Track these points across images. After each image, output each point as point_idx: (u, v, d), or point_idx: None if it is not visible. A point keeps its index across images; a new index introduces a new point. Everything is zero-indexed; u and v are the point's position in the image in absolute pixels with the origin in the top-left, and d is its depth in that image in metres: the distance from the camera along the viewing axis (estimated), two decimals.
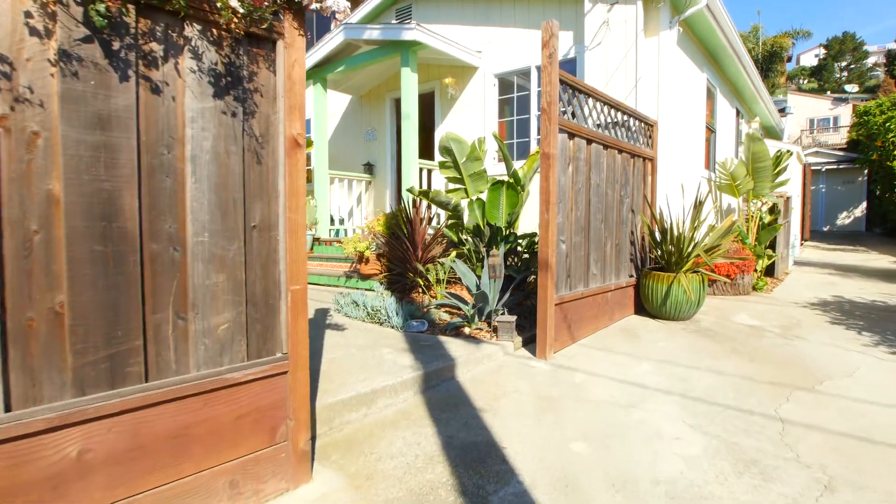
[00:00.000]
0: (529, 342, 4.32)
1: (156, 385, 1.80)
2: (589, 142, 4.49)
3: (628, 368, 3.75)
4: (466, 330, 4.40)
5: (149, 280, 1.79)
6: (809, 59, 54.08)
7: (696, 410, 3.00)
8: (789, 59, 43.70)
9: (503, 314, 4.45)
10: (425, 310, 4.89)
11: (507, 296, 4.63)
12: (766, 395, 3.24)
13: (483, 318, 4.60)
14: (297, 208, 2.19)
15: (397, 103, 8.94)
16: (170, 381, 1.83)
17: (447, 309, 5.01)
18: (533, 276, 5.75)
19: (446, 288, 5.92)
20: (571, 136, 4.21)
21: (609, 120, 4.85)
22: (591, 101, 4.55)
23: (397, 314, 4.55)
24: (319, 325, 4.59)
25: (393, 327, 4.47)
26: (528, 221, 6.99)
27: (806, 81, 49.08)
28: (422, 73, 8.20)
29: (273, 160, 2.17)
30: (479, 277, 4.95)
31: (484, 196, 6.26)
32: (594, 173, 4.58)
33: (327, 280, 7.01)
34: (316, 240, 8.15)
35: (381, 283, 6.15)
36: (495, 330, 4.28)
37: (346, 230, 9.14)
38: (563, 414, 2.94)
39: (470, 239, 5.99)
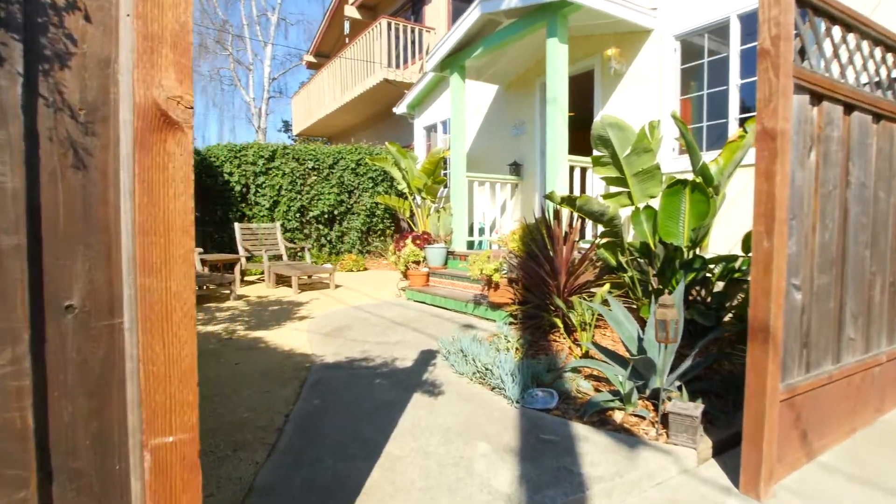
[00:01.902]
0: (727, 449, 2.59)
1: None
2: (848, 109, 2.57)
3: None
4: (617, 416, 2.82)
5: None
6: None
7: None
8: None
9: (679, 395, 2.77)
10: (559, 371, 3.39)
11: (686, 363, 2.92)
12: None
13: (646, 395, 2.97)
14: (172, 265, 0.99)
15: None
16: None
17: (590, 372, 3.44)
18: (731, 313, 3.87)
19: (597, 332, 4.31)
20: (817, 98, 2.37)
21: (887, 74, 2.82)
22: (852, 37, 2.62)
23: (514, 378, 3.15)
24: (409, 383, 3.41)
25: (508, 398, 3.09)
26: (722, 238, 5.00)
27: None
28: (578, 48, 6.60)
29: (109, 159, 0.99)
30: (642, 327, 3.30)
31: (656, 202, 4.50)
32: (856, 165, 2.63)
33: (454, 305, 5.85)
34: (450, 253, 7.07)
35: (513, 317, 4.78)
36: (665, 421, 2.64)
37: (487, 242, 7.92)
38: None
39: (634, 263, 4.30)
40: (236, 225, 8.19)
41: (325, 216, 10.19)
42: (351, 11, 16.13)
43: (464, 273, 6.32)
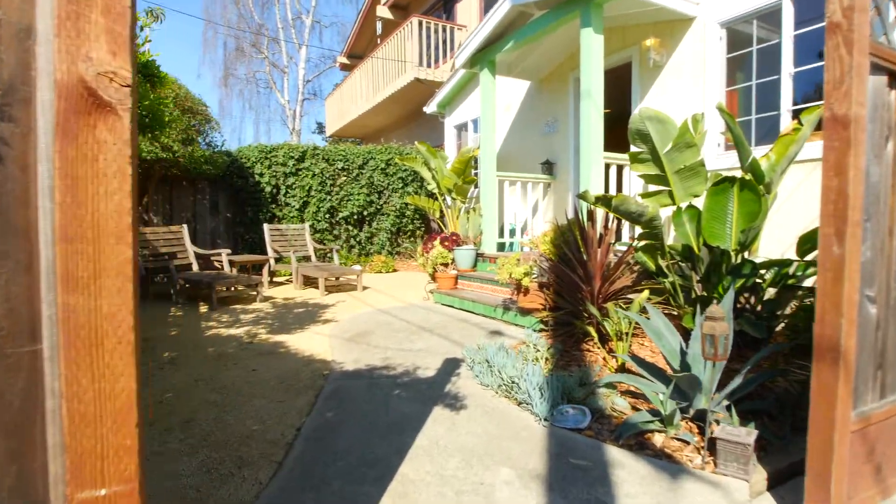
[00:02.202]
0: (784, 480, 2.28)
1: None
2: None
3: None
4: (658, 440, 2.54)
5: None
6: None
7: None
8: None
9: (728, 417, 2.47)
10: (592, 386, 3.13)
11: (737, 381, 2.62)
12: None
13: (690, 416, 2.67)
14: (104, 279, 0.81)
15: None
16: None
17: (627, 388, 3.16)
18: (785, 322, 3.52)
19: (634, 342, 4.00)
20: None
21: None
22: None
23: (542, 393, 2.90)
24: (430, 395, 3.20)
25: (535, 415, 2.84)
26: (773, 240, 4.61)
27: None
28: (613, 39, 6.27)
29: (30, 150, 0.81)
30: (685, 338, 3.00)
31: (699, 202, 4.18)
32: None
33: (482, 309, 5.62)
34: (479, 255, 6.84)
35: (544, 324, 4.52)
36: (712, 447, 2.34)
37: (517, 244, 7.65)
38: None
39: (675, 267, 3.99)
40: (265, 226, 8.18)
41: (355, 217, 10.11)
42: (383, 11, 16.09)
43: (493, 276, 6.08)
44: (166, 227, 7.28)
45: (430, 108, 10.48)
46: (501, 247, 7.27)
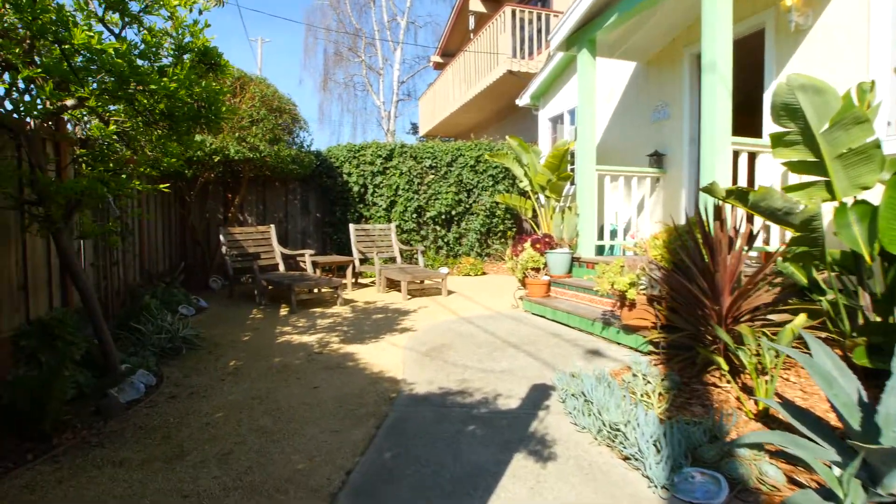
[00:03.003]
0: None
1: None
2: None
3: None
4: None
5: None
6: None
7: None
8: None
9: None
10: (727, 445, 2.36)
11: None
12: None
13: (884, 501, 1.86)
14: None
15: (700, 61, 6.13)
16: None
17: (777, 449, 2.35)
18: None
19: (781, 379, 3.13)
20: None
21: None
22: None
23: (658, 449, 2.21)
24: (511, 437, 2.60)
25: (649, 479, 2.15)
26: None
27: None
28: (741, 5, 5.25)
29: None
30: (862, 382, 2.15)
31: (871, 195, 3.21)
32: None
33: (578, 322, 4.90)
34: (575, 260, 6.09)
35: (653, 345, 3.75)
36: None
37: (620, 248, 6.79)
38: None
39: (836, 282, 3.06)
40: (351, 226, 7.99)
41: (443, 217, 9.71)
42: (475, 5, 15.63)
43: (591, 284, 5.33)
44: (254, 227, 7.30)
45: (523, 101, 9.81)
46: (600, 250, 6.47)
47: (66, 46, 2.33)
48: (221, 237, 6.73)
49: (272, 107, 7.00)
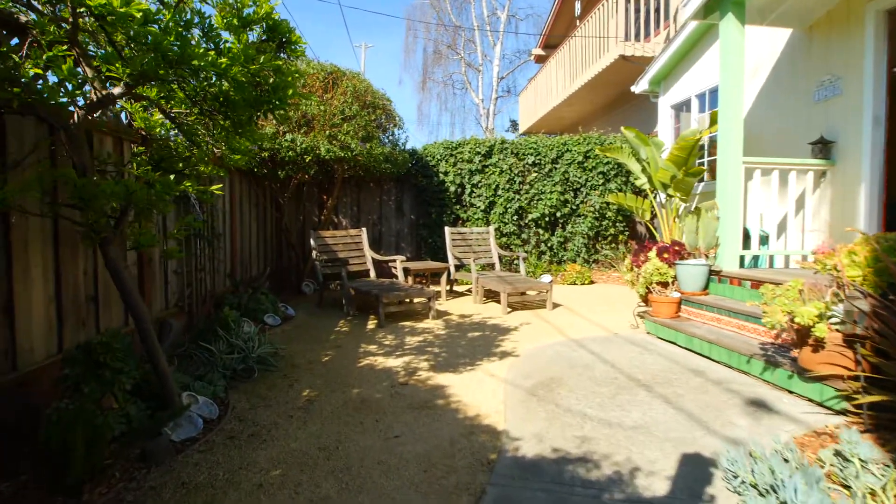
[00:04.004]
0: None
1: None
2: None
3: None
4: None
5: None
6: None
7: None
8: None
9: None
10: None
11: None
12: None
13: None
14: None
15: (893, 17, 4.72)
16: None
17: None
18: None
19: None
20: None
21: None
22: None
23: None
24: None
25: None
26: None
27: None
28: None
29: None
30: None
31: None
32: None
33: (726, 357, 3.86)
34: (714, 274, 4.98)
35: (846, 399, 2.68)
36: None
37: (771, 257, 5.53)
38: None
39: None
40: (446, 229, 7.37)
41: (546, 219, 8.81)
42: None
43: (739, 306, 4.23)
44: (345, 231, 6.92)
45: (640, 87, 8.63)
46: (743, 262, 5.27)
47: (82, 10, 1.84)
48: (312, 241, 6.41)
49: (365, 102, 6.57)
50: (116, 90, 2.35)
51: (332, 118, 6.13)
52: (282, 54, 2.60)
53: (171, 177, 2.53)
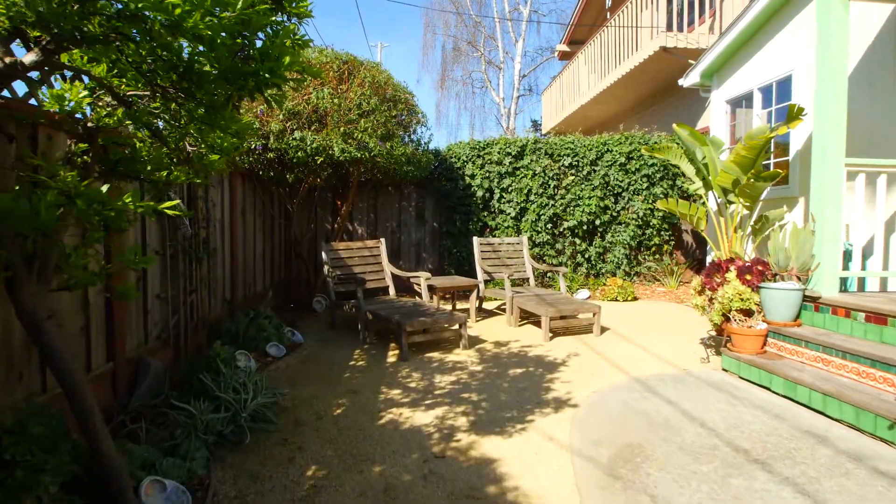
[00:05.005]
0: None
1: None
2: None
3: None
4: None
5: None
6: None
7: None
8: None
9: None
10: None
11: None
12: None
13: None
14: None
15: None
16: None
17: None
18: None
19: None
20: None
21: None
22: None
23: None
24: None
25: None
26: None
27: None
28: None
29: None
30: None
31: None
32: None
33: (855, 417, 2.98)
34: (810, 300, 4.09)
35: None
36: None
37: (864, 278, 4.62)
38: None
39: None
40: (475, 240, 6.54)
41: (584, 227, 7.92)
42: None
43: (859, 346, 3.32)
44: (362, 242, 6.12)
45: (690, 80, 7.71)
46: (845, 284, 4.36)
47: None
48: (324, 255, 5.62)
49: (385, 96, 5.76)
50: (28, 57, 1.57)
51: (348, 113, 5.33)
52: (278, 17, 1.80)
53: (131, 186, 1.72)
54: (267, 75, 1.67)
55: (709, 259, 7.74)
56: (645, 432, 2.97)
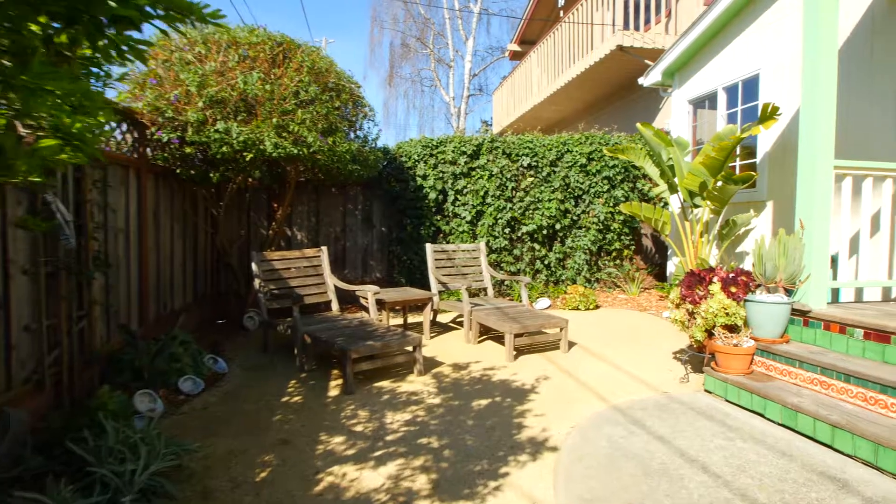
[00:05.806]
0: None
1: None
2: None
3: None
4: None
5: None
6: None
7: None
8: None
9: None
10: None
11: None
12: None
13: None
14: None
15: None
16: None
17: None
18: None
19: None
20: None
21: None
22: None
23: None
24: None
25: None
26: None
27: None
28: None
29: None
30: None
31: None
32: None
33: (872, 454, 2.57)
34: (799, 314, 3.73)
35: None
36: None
37: (859, 291, 4.34)
38: None
39: None
40: (428, 247, 5.92)
41: (544, 232, 7.47)
42: None
43: (862, 367, 2.94)
44: (300, 252, 5.38)
45: (651, 79, 7.41)
46: (837, 296, 4.05)
47: None
48: (255, 266, 4.85)
49: (327, 85, 5.05)
50: None
51: (283, 102, 4.59)
52: None
53: None
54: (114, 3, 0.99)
55: (670, 265, 7.46)
56: (642, 485, 2.45)
